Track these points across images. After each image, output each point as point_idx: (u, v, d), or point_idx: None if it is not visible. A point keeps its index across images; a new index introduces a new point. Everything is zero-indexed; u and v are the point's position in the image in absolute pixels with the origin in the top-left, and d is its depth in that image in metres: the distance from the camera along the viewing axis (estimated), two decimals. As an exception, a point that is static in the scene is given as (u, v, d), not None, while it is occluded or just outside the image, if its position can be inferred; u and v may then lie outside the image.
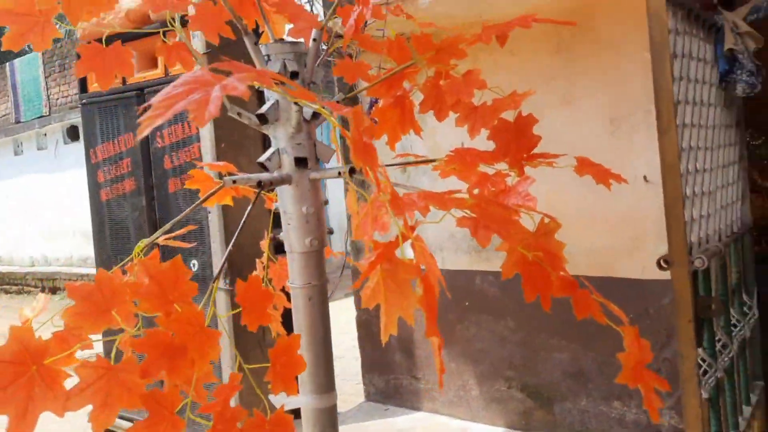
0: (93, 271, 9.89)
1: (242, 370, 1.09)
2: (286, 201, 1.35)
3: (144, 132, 0.76)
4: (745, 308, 2.00)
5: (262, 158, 1.34)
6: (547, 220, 1.14)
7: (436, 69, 1.52)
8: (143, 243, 1.32)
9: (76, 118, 10.04)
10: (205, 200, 1.40)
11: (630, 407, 2.41)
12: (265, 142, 3.10)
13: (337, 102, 1.24)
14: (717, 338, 1.59)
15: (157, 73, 3.44)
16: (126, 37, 3.54)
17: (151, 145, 3.54)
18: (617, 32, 2.32)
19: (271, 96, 1.33)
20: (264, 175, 1.30)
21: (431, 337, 0.89)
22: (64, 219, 10.57)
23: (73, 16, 1.06)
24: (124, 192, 3.72)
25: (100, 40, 1.26)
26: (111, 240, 3.82)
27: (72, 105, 10.34)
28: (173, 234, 1.45)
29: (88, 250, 10.24)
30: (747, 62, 1.72)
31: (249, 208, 1.30)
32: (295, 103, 1.26)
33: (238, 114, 1.34)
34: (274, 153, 1.33)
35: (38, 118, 10.86)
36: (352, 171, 1.31)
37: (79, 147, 10.24)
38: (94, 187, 3.85)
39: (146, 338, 0.94)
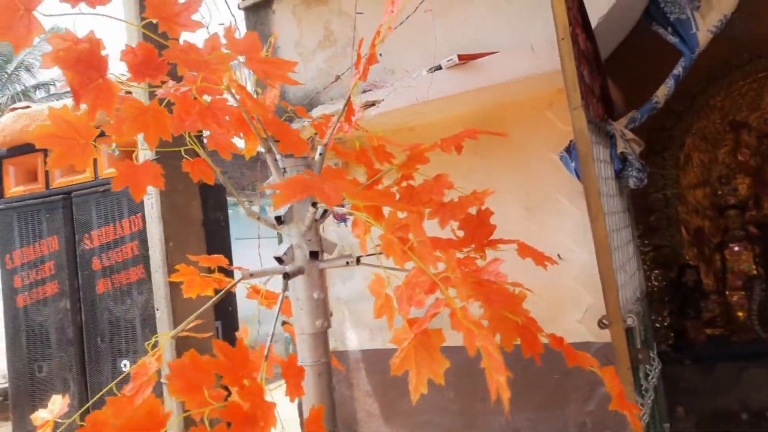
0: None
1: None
2: (298, 289, 1.56)
3: (280, 209, 0.96)
4: (652, 360, 2.41)
5: (279, 253, 1.55)
6: (518, 290, 1.45)
7: (404, 173, 1.84)
8: (167, 335, 1.47)
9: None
10: (222, 295, 1.58)
11: (564, 460, 2.70)
12: (209, 240, 3.23)
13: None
14: (641, 385, 1.95)
15: (87, 176, 3.51)
16: (12, 153, 3.72)
17: (78, 248, 3.54)
18: (524, 136, 2.78)
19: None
20: (285, 268, 1.51)
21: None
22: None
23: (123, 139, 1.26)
24: (45, 296, 3.64)
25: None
26: (27, 347, 3.68)
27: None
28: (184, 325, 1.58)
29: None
30: (635, 162, 2.20)
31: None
32: (313, 205, 1.50)
33: (258, 218, 1.56)
34: (289, 248, 1.55)
35: None
36: (358, 260, 1.57)
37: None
38: (10, 293, 3.73)
39: (228, 409, 1.11)
